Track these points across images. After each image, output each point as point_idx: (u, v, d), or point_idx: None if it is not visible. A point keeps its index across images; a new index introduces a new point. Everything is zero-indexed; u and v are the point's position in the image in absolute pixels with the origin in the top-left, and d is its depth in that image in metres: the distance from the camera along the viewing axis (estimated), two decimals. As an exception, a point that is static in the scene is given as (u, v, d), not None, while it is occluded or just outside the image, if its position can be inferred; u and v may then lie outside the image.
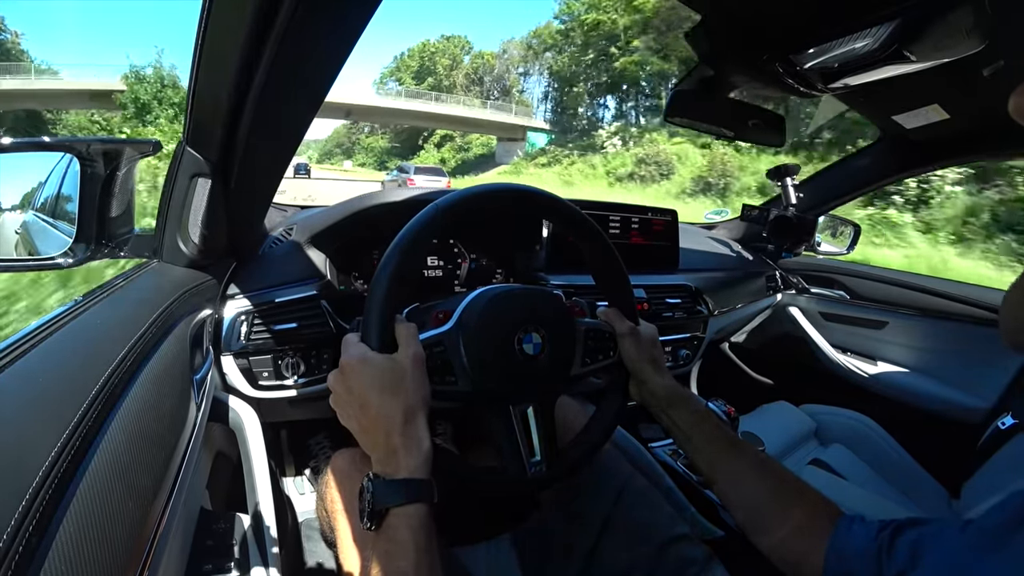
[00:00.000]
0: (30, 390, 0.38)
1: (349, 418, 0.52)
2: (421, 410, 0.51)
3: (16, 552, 0.26)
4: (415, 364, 0.52)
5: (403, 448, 0.49)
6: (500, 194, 0.63)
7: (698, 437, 0.62)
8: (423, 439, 0.50)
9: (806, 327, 1.64)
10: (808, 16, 0.74)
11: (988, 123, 1.11)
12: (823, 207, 1.62)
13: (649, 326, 0.72)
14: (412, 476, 0.48)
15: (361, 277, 1.06)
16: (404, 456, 0.48)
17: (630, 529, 0.69)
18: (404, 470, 0.48)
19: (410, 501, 0.46)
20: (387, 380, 0.50)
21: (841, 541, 0.47)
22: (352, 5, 0.46)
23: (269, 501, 0.75)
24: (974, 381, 1.29)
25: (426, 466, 0.49)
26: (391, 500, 0.46)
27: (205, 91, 0.60)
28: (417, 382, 0.52)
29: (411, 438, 0.49)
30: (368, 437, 0.51)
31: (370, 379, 0.50)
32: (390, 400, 0.50)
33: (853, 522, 0.49)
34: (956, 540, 0.39)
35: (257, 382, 0.84)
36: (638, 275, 1.09)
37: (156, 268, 0.75)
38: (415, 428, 0.50)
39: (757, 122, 1.08)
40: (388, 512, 0.46)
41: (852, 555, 0.46)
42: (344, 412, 0.53)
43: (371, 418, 0.50)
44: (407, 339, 0.54)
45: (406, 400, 0.50)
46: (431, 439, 0.51)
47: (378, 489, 0.47)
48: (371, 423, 0.50)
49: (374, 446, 0.50)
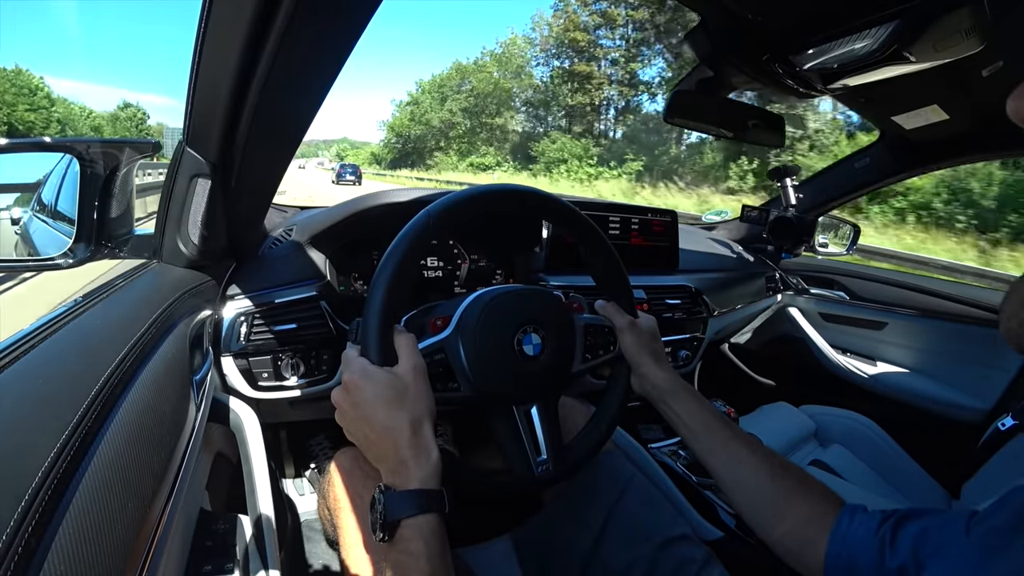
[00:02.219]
0: (30, 390, 0.38)
1: (356, 433, 0.52)
2: (427, 420, 0.51)
3: (16, 552, 0.26)
4: (417, 376, 0.52)
5: (412, 459, 0.49)
6: (493, 195, 0.63)
7: (699, 426, 0.63)
8: (432, 449, 0.50)
9: (806, 328, 1.64)
10: (808, 17, 0.74)
11: (987, 123, 1.12)
12: (823, 208, 1.63)
13: (648, 318, 0.73)
14: (423, 487, 0.48)
15: (361, 278, 1.06)
16: (414, 467, 0.48)
17: (630, 528, 0.69)
18: (415, 481, 0.48)
19: (423, 511, 0.46)
20: (391, 394, 0.50)
21: (843, 531, 0.48)
22: (352, 5, 0.46)
23: (269, 502, 0.75)
24: (974, 382, 1.30)
25: (436, 476, 0.49)
26: (403, 511, 0.46)
27: (205, 91, 0.59)
28: (420, 393, 0.52)
29: (420, 449, 0.49)
30: (376, 450, 0.51)
31: (373, 394, 0.50)
32: (396, 413, 0.50)
33: (855, 512, 0.49)
34: (962, 542, 0.39)
35: (257, 383, 0.84)
36: (638, 275, 1.09)
37: (156, 269, 0.75)
38: (423, 438, 0.50)
39: (757, 122, 1.08)
40: (400, 523, 0.46)
41: (854, 545, 0.46)
42: (350, 428, 0.53)
43: (378, 432, 0.50)
44: (407, 351, 0.54)
45: (411, 412, 0.50)
46: (439, 448, 0.51)
47: (390, 501, 0.47)
48: (378, 437, 0.50)
49: (383, 459, 0.50)
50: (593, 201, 1.32)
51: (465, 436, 1.43)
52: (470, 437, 1.42)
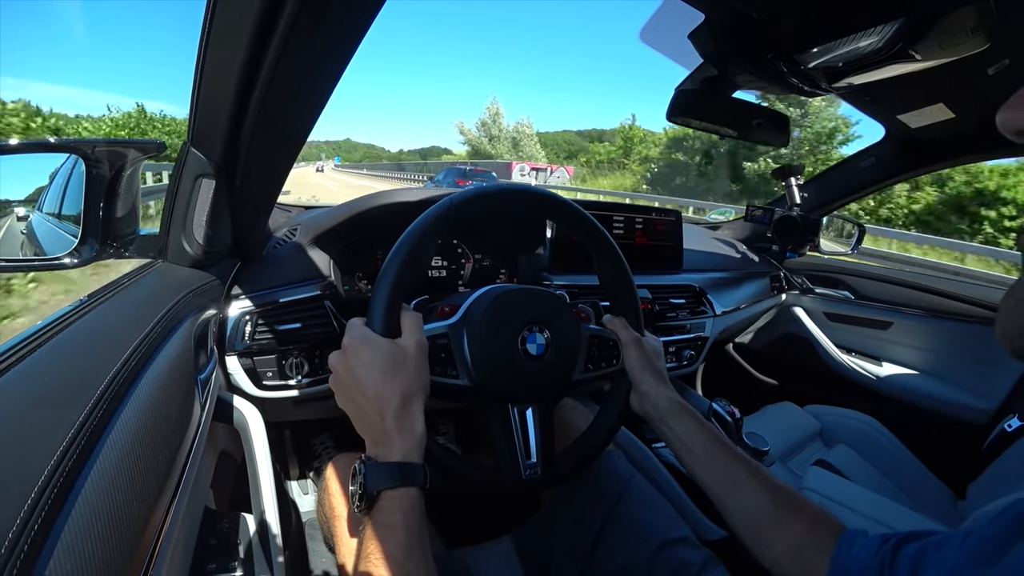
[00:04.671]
0: (36, 389, 0.38)
1: (347, 399, 0.52)
2: (419, 396, 0.51)
3: (22, 550, 0.26)
4: (418, 351, 0.52)
5: (397, 431, 0.49)
6: (516, 196, 0.63)
7: (699, 448, 0.62)
8: (417, 424, 0.50)
9: (811, 327, 1.63)
10: (813, 15, 0.73)
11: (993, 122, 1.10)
12: (828, 207, 1.62)
13: (654, 338, 0.72)
14: (405, 460, 0.48)
15: (365, 277, 1.06)
16: (398, 439, 0.48)
17: (629, 530, 0.69)
18: (397, 453, 0.48)
19: (403, 484, 0.47)
20: (388, 363, 0.50)
21: (844, 557, 0.47)
22: (355, 6, 0.46)
23: (273, 501, 0.75)
24: (980, 382, 1.29)
25: (419, 450, 0.50)
26: (383, 483, 0.46)
27: (209, 92, 0.60)
28: (418, 369, 0.52)
29: (406, 421, 0.49)
30: (363, 418, 0.51)
31: (370, 360, 0.50)
32: (389, 382, 0.50)
33: (856, 537, 0.48)
34: (957, 552, 0.39)
35: (261, 382, 0.84)
36: (642, 275, 1.09)
37: (161, 268, 0.76)
38: (411, 413, 0.50)
39: (761, 121, 1.08)
40: (380, 495, 0.46)
41: (855, 570, 0.45)
42: (342, 392, 0.53)
43: (368, 399, 0.50)
44: (412, 327, 0.54)
45: (404, 384, 0.50)
46: (425, 426, 0.51)
47: (370, 471, 0.47)
48: (368, 404, 0.50)
49: (369, 428, 0.50)
50: (597, 201, 1.32)
51: (467, 436, 1.44)
52: (472, 438, 1.42)
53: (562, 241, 1.16)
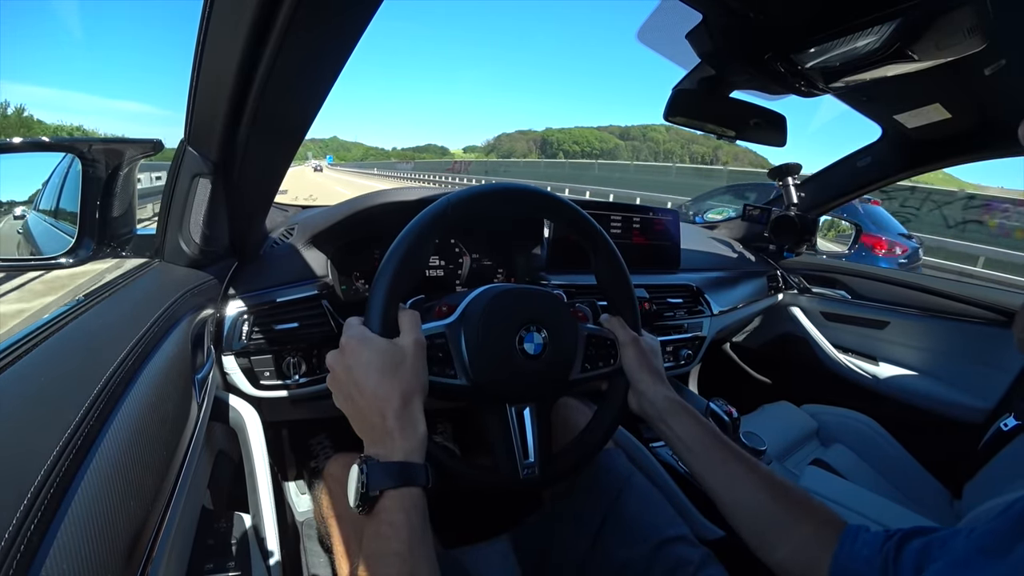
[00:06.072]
0: (32, 390, 0.38)
1: (345, 398, 0.51)
2: (418, 395, 0.51)
3: (18, 550, 0.26)
4: (416, 349, 0.52)
5: (399, 431, 0.48)
6: (514, 195, 0.63)
7: (698, 446, 0.61)
8: (419, 424, 0.50)
9: (807, 327, 1.64)
10: (810, 15, 0.73)
11: (989, 122, 1.11)
12: (825, 206, 1.62)
13: (652, 337, 0.72)
14: (407, 459, 0.47)
15: (362, 277, 1.06)
16: (400, 439, 0.48)
17: (627, 528, 0.69)
18: (400, 453, 0.47)
19: (405, 484, 0.46)
20: (386, 362, 0.50)
21: (847, 552, 0.47)
22: (353, 4, 0.46)
23: (270, 501, 0.75)
24: (976, 381, 1.29)
25: (421, 450, 0.49)
26: (386, 483, 0.45)
27: (206, 90, 0.60)
28: (416, 368, 0.52)
29: (407, 421, 0.49)
30: (363, 419, 0.50)
31: (368, 360, 0.50)
32: (388, 382, 0.49)
33: (859, 532, 0.48)
34: (963, 545, 0.39)
35: (258, 381, 0.84)
36: (640, 275, 1.09)
37: (158, 268, 0.75)
38: (412, 412, 0.49)
39: (758, 121, 1.08)
40: (382, 495, 0.45)
41: (858, 566, 0.45)
42: (340, 392, 0.52)
43: (367, 399, 0.49)
44: (410, 325, 0.53)
45: (404, 383, 0.50)
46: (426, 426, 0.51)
47: (372, 471, 0.46)
48: (367, 404, 0.49)
49: (368, 428, 0.49)
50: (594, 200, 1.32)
51: (466, 436, 1.44)
52: (471, 438, 1.42)
53: (560, 240, 1.16)
